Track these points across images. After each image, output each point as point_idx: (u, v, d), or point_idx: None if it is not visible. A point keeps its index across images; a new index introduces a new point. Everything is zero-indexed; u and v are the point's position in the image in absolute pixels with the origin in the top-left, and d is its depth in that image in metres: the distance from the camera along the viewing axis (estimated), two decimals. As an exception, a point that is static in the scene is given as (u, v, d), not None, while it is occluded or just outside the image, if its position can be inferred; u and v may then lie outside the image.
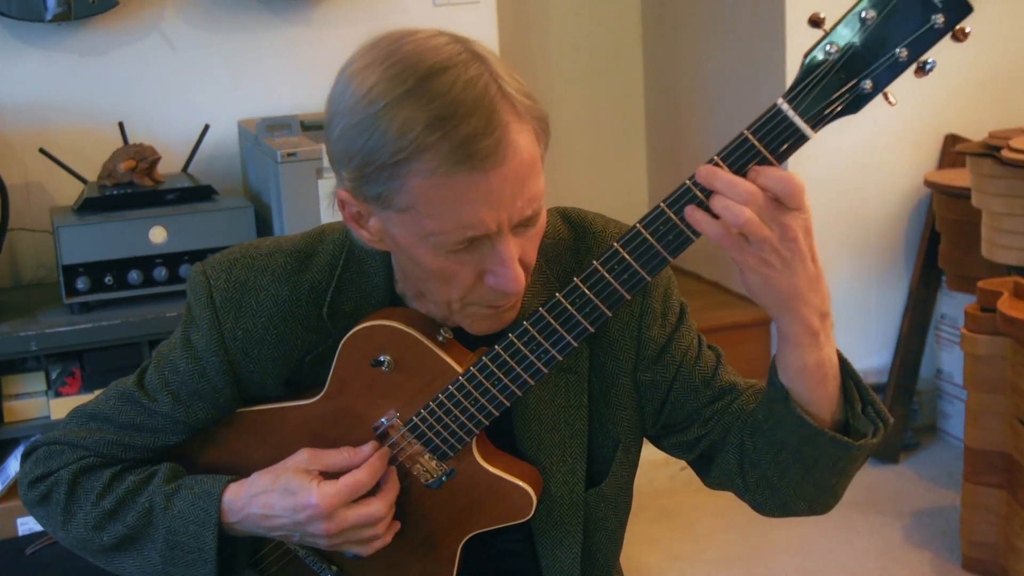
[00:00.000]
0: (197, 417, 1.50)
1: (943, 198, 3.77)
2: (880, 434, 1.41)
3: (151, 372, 1.52)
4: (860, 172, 3.98)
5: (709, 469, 1.55)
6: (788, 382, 1.38)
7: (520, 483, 1.45)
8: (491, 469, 1.45)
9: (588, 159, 4.81)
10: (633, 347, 1.50)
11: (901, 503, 3.70)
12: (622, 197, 4.73)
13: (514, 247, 1.31)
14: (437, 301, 1.40)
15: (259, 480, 1.47)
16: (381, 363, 1.41)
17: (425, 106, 1.24)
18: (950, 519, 3.52)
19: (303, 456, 1.46)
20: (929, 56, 1.22)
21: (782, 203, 1.25)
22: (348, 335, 1.43)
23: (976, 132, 3.85)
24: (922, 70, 1.22)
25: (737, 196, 1.24)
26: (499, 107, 1.25)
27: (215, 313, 1.46)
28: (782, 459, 1.43)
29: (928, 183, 3.85)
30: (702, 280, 4.55)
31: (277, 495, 1.44)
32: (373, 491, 1.46)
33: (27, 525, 2.88)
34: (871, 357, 4.13)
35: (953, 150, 3.92)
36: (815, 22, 1.23)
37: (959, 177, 3.68)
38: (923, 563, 3.37)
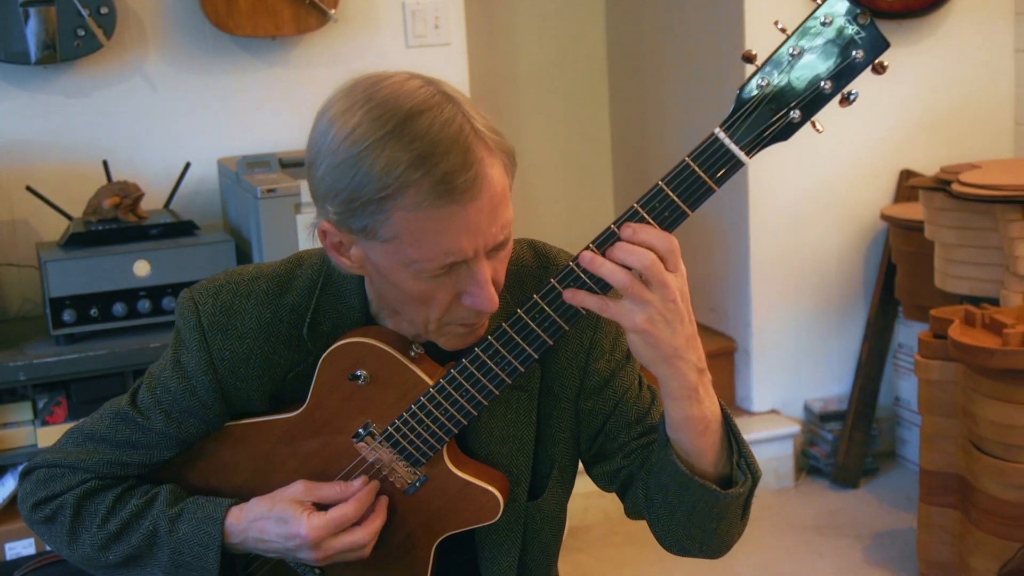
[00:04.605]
0: (188, 432, 1.61)
1: (898, 231, 3.90)
2: (748, 485, 1.52)
3: (143, 392, 1.62)
4: (819, 206, 4.12)
5: (624, 499, 1.67)
6: (672, 432, 1.50)
7: (488, 487, 1.56)
8: (461, 474, 1.56)
9: (557, 194, 4.94)
10: (579, 376, 1.62)
11: (861, 526, 3.82)
12: (589, 230, 4.83)
13: (488, 269, 1.44)
14: (414, 321, 1.51)
15: (257, 506, 1.58)
16: (358, 377, 1.53)
17: (407, 146, 1.36)
18: (908, 540, 3.64)
19: (299, 488, 1.57)
20: (853, 88, 1.35)
21: (662, 266, 1.39)
22: (327, 352, 1.54)
23: (930, 167, 3.99)
24: (847, 100, 1.36)
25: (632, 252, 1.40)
26: (473, 145, 1.38)
27: (203, 335, 1.58)
28: (669, 500, 1.54)
29: (884, 216, 3.99)
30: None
31: (272, 522, 1.56)
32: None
33: (15, 550, 2.94)
34: (831, 385, 4.25)
35: (907, 184, 4.06)
36: (748, 58, 1.36)
37: (913, 211, 3.81)
38: (882, 582, 3.49)
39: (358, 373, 1.53)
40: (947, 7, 4.04)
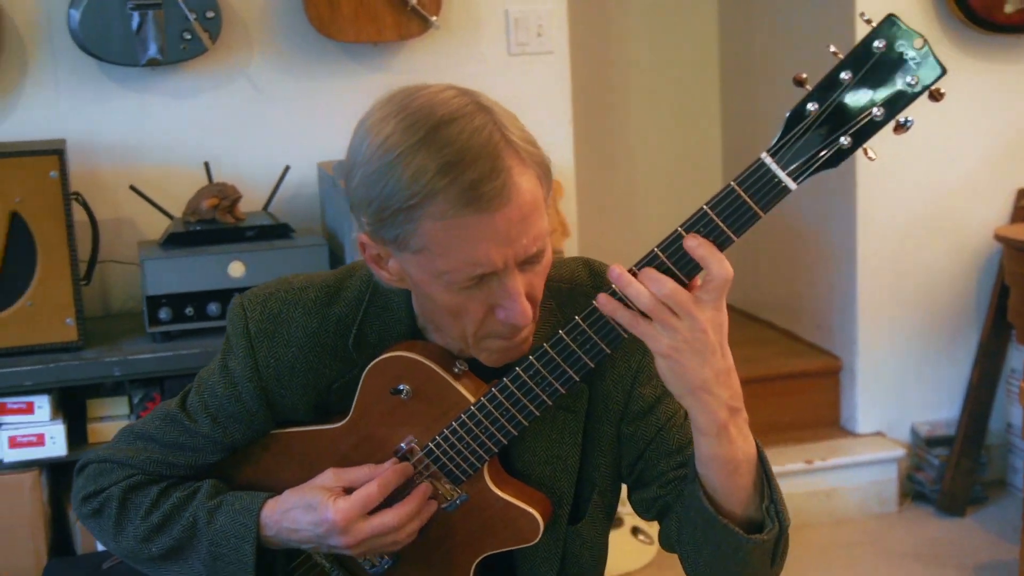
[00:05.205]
0: (234, 438, 1.62)
1: (1013, 252, 3.78)
2: (774, 532, 1.46)
3: (192, 396, 1.64)
4: (930, 224, 4.01)
5: (660, 530, 1.62)
6: (700, 468, 1.45)
7: (528, 508, 1.54)
8: (501, 494, 1.54)
9: (666, 203, 4.85)
10: (623, 400, 1.58)
11: (964, 556, 3.70)
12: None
13: (520, 282, 1.41)
14: (453, 335, 1.50)
15: (289, 497, 1.58)
16: (400, 391, 1.52)
17: (436, 154, 1.35)
18: (1012, 572, 3.51)
19: (328, 475, 1.57)
20: (908, 114, 1.29)
21: (697, 295, 1.35)
22: (370, 365, 1.53)
23: (1049, 187, 3.86)
24: (901, 127, 1.30)
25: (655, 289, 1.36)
26: (503, 153, 1.36)
27: (250, 342, 1.58)
28: (696, 537, 1.50)
29: (998, 237, 3.87)
30: (774, 327, 4.59)
31: (301, 511, 1.55)
32: (393, 502, 1.54)
33: (104, 542, 3.01)
34: (940, 409, 4.13)
35: (1022, 204, 3.93)
36: (799, 82, 1.32)
37: (1028, 232, 3.70)
38: (981, 616, 3.38)
39: (401, 387, 1.52)
40: (1072, 21, 3.89)
